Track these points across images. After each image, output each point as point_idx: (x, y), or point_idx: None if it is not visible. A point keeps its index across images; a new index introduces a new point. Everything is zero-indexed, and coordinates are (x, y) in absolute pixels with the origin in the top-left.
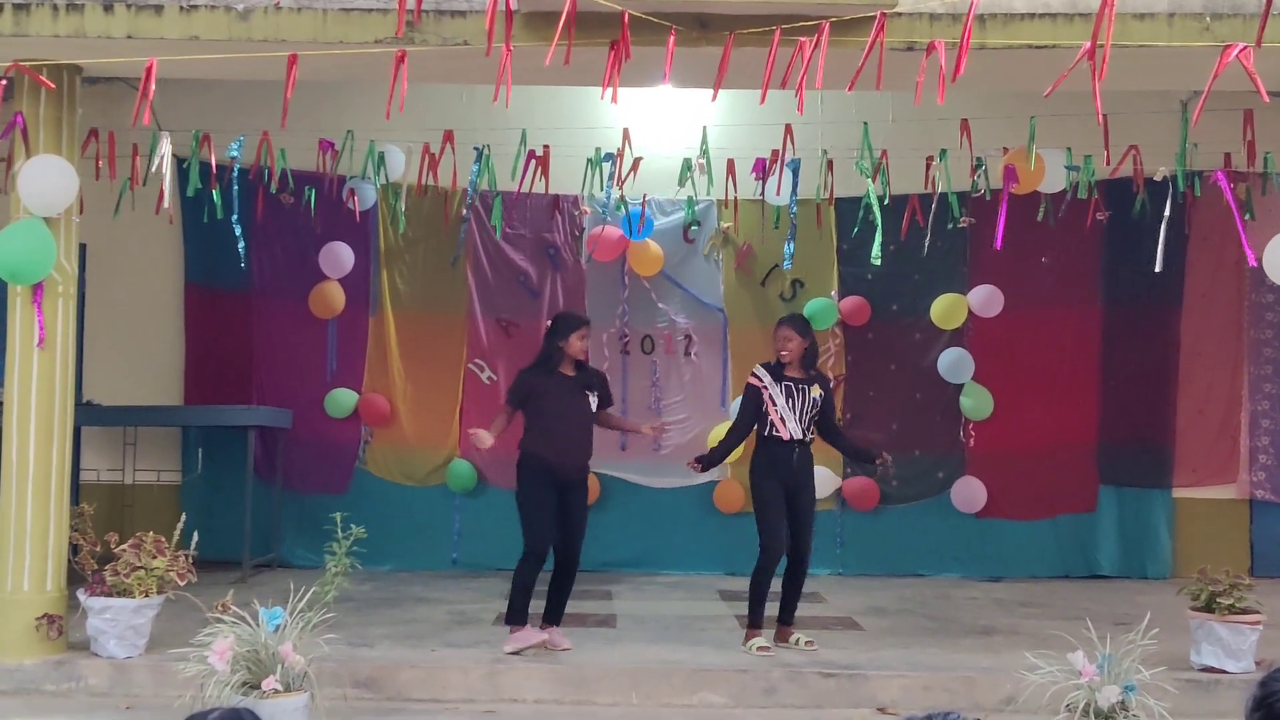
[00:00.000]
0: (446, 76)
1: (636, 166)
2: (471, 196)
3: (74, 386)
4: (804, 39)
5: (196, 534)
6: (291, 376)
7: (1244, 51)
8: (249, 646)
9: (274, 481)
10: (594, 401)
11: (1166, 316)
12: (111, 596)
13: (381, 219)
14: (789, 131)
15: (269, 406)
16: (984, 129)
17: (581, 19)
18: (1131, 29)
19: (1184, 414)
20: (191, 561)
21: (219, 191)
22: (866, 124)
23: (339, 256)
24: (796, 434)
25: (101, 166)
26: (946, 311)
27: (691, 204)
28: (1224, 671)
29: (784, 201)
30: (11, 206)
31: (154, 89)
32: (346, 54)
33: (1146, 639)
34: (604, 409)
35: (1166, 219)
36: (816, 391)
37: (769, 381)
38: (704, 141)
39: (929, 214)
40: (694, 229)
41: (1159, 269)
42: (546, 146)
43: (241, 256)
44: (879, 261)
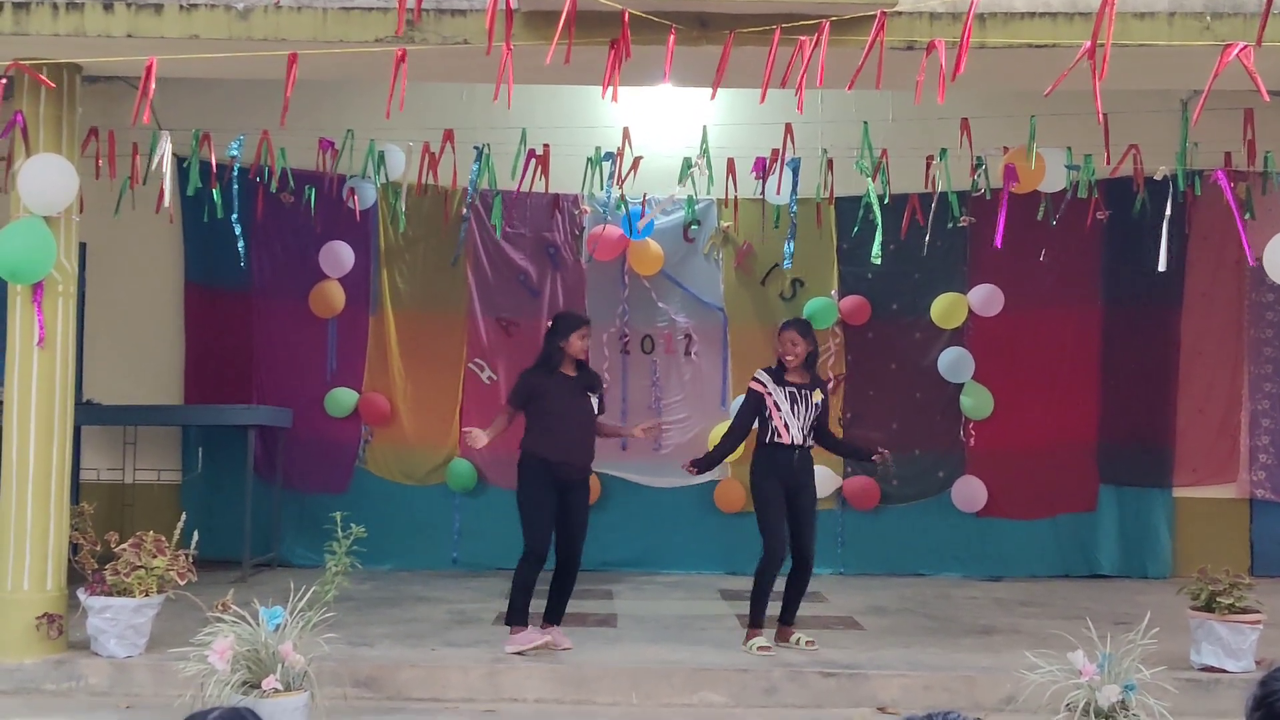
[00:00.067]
0: (446, 75)
1: (636, 165)
2: (471, 196)
3: (74, 386)
4: (804, 38)
5: (196, 533)
6: (291, 376)
7: (1244, 51)
8: (249, 646)
9: (274, 481)
10: (595, 402)
11: (1166, 316)
12: (111, 596)
13: (381, 218)
14: (789, 130)
15: (269, 406)
16: (984, 128)
17: (581, 18)
18: (1132, 28)
19: (1184, 413)
20: (191, 561)
21: (219, 190)
22: (866, 123)
23: (339, 256)
24: (799, 439)
25: (101, 165)
26: (946, 311)
27: (691, 203)
28: (1224, 671)
29: (784, 201)
30: (11, 205)
31: (154, 88)
32: (346, 53)
33: (1146, 638)
34: (597, 416)
35: (1168, 218)
36: (818, 396)
37: (772, 387)
38: (704, 140)
39: (929, 213)
40: (694, 228)
41: (1163, 269)
42: (546, 145)
43: (241, 256)
44: (879, 261)
